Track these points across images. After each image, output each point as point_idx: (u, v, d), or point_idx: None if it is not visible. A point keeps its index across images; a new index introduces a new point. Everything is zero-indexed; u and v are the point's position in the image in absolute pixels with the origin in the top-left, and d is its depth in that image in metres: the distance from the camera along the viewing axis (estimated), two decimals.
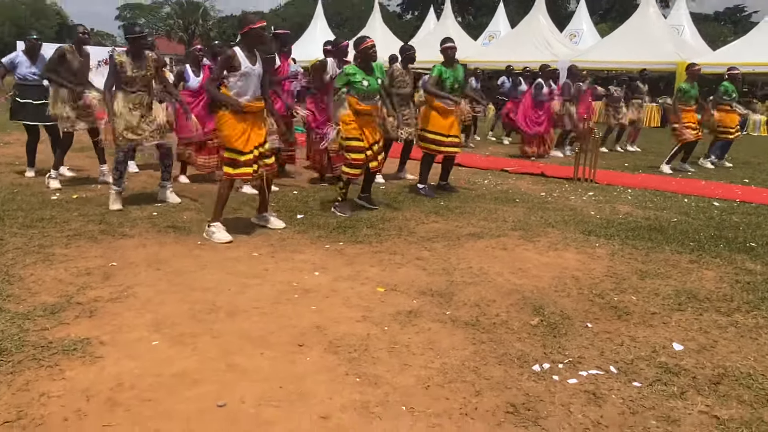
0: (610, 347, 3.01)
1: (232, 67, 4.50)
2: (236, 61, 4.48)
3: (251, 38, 4.57)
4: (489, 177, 8.11)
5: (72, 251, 4.23)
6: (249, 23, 4.54)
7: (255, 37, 4.58)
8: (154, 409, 2.33)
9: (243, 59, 4.51)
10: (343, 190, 5.61)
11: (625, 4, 40.15)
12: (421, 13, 42.58)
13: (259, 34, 4.58)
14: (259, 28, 4.55)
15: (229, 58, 4.50)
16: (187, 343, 2.90)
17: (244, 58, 4.51)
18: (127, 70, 5.31)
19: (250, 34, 4.55)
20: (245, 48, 4.56)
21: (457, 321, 3.26)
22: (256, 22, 4.55)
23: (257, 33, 4.56)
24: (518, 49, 21.14)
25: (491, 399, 2.48)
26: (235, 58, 4.49)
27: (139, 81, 5.37)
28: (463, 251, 4.57)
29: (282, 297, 3.54)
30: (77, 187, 6.44)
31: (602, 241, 4.99)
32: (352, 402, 2.43)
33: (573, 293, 3.76)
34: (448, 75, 6.41)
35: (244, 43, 4.58)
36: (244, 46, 4.57)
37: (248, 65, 4.53)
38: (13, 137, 10.32)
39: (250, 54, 4.57)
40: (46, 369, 2.59)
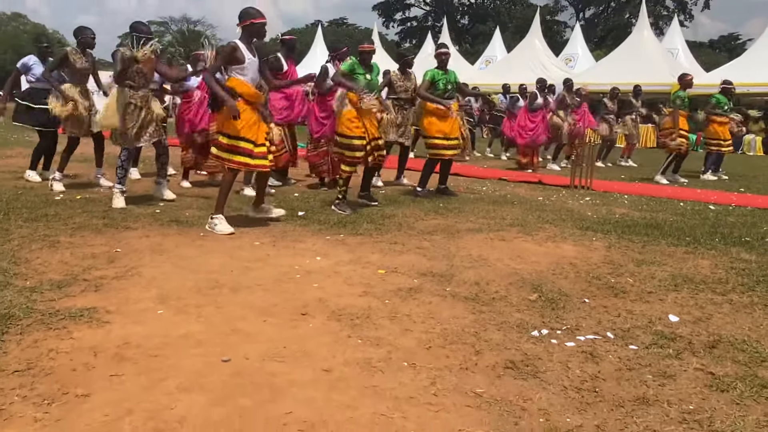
0: (608, 318, 3.07)
1: (236, 60, 4.61)
2: (239, 54, 4.61)
3: (251, 32, 4.69)
4: (487, 184, 8.21)
5: (77, 240, 4.29)
6: (251, 17, 4.66)
7: (254, 32, 4.70)
8: (160, 363, 2.37)
9: (245, 51, 4.64)
10: (343, 188, 5.71)
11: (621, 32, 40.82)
12: (419, 41, 43.26)
13: (259, 29, 4.70)
14: (260, 24, 4.67)
15: (232, 50, 4.61)
16: (191, 313, 2.95)
17: (246, 50, 4.65)
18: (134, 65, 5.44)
19: (250, 28, 4.68)
20: (244, 40, 4.69)
21: (457, 296, 3.32)
22: (257, 17, 4.67)
23: (258, 27, 4.68)
24: (514, 71, 21.47)
25: (491, 357, 2.53)
26: (238, 50, 4.61)
27: (141, 76, 5.50)
28: (462, 242, 4.63)
29: (284, 277, 3.59)
30: (80, 190, 6.52)
31: (599, 235, 5.06)
32: (355, 359, 2.47)
33: (570, 276, 3.82)
34: (440, 77, 6.57)
35: (243, 36, 4.71)
36: (244, 39, 4.70)
37: (250, 56, 4.66)
38: (15, 151, 10.48)
39: (249, 46, 4.71)
40: (54, 331, 2.64)
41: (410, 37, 55.39)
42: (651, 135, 20.05)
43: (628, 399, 2.21)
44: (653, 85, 19.04)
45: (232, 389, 2.18)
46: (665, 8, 50.68)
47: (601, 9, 53.59)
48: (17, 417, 1.95)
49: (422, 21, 56.90)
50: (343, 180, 5.71)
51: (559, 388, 2.28)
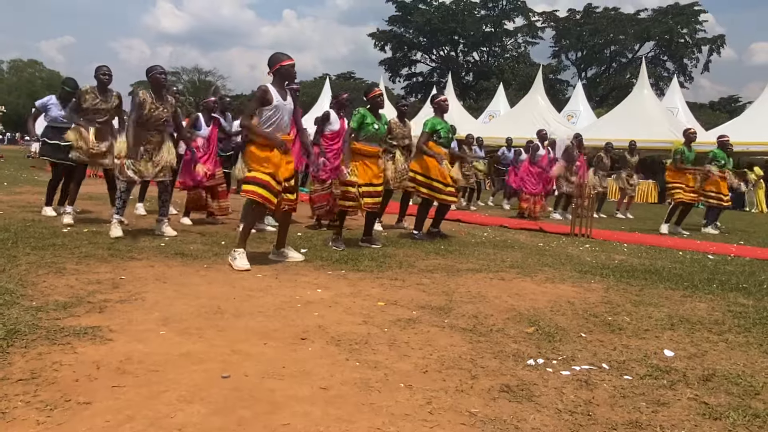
0: (603, 351, 3.10)
1: (265, 102, 4.77)
2: (269, 96, 4.77)
3: (281, 75, 4.86)
4: (488, 230, 8.31)
5: (82, 267, 4.37)
6: (280, 61, 4.84)
7: (285, 74, 4.87)
8: (161, 377, 2.42)
9: (275, 94, 4.80)
10: (337, 223, 5.85)
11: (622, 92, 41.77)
12: (424, 96, 44.25)
13: (289, 70, 4.86)
14: (289, 65, 4.86)
15: (263, 93, 4.78)
16: (193, 334, 3.00)
17: (276, 93, 4.81)
18: (146, 108, 5.64)
19: (280, 71, 4.85)
20: (276, 84, 4.87)
21: (455, 327, 3.37)
22: (285, 60, 4.86)
23: (287, 69, 4.85)
24: (517, 126, 21.89)
25: (487, 381, 2.57)
26: (268, 92, 4.78)
27: (155, 120, 5.69)
28: (462, 280, 4.69)
29: (285, 305, 3.65)
30: (87, 224, 6.63)
31: (597, 278, 5.12)
32: (353, 379, 2.51)
33: (568, 313, 3.86)
34: (442, 126, 6.75)
35: (275, 81, 4.88)
36: (275, 83, 4.87)
37: (279, 99, 4.82)
38: (25, 189, 10.70)
39: (280, 90, 4.87)
40: (58, 346, 2.69)
41: (416, 92, 56.74)
42: (653, 191, 20.29)
43: (621, 423, 2.24)
44: (653, 142, 19.40)
45: (232, 402, 2.22)
46: (665, 69, 52.11)
47: (602, 69, 55.08)
48: (20, 420, 1.99)
49: (428, 77, 58.41)
50: (339, 215, 5.85)
51: (553, 411, 2.31)
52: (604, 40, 52.34)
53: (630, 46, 53.03)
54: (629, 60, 53.20)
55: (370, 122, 5.81)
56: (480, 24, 55.17)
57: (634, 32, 50.85)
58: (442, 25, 53.29)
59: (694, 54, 51.50)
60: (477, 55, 58.54)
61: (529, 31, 55.77)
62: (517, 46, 57.03)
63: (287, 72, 4.87)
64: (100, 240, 5.53)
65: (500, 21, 55.36)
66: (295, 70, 4.93)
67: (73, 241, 5.41)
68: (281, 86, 4.91)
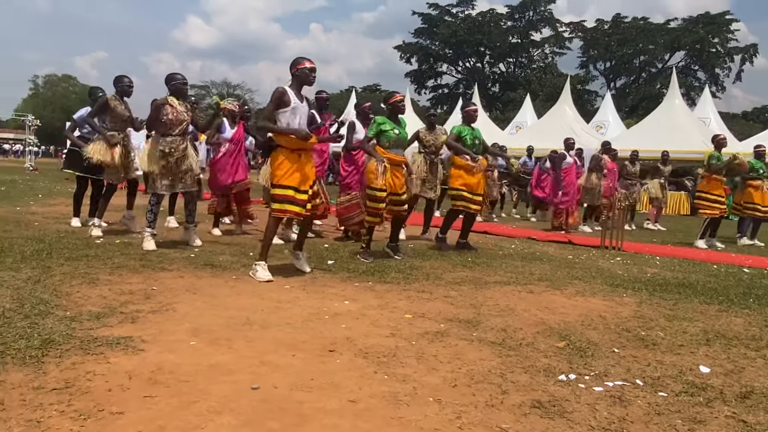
0: (637, 366, 3.03)
1: (282, 103, 4.81)
2: (287, 98, 4.81)
3: (299, 78, 4.90)
4: (516, 242, 8.23)
5: (115, 278, 4.44)
6: (298, 63, 4.90)
7: (302, 77, 4.90)
8: (192, 387, 2.43)
9: (293, 96, 4.84)
10: (367, 237, 5.84)
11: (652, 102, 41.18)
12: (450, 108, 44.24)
13: (306, 73, 4.89)
14: (306, 68, 4.88)
15: (280, 94, 4.81)
16: (222, 345, 3.03)
17: (294, 96, 4.85)
18: (169, 112, 5.75)
19: (298, 74, 4.89)
20: (294, 87, 4.91)
21: (484, 341, 3.33)
22: (303, 62, 4.90)
23: (304, 71, 4.88)
24: (544, 137, 21.69)
25: (517, 396, 2.53)
26: (285, 94, 4.81)
27: (177, 125, 5.79)
28: (490, 293, 4.65)
29: (313, 317, 3.66)
30: (119, 235, 6.75)
31: (629, 292, 5.02)
32: (381, 392, 2.50)
33: (599, 327, 3.79)
34: (467, 133, 6.76)
35: (294, 83, 4.92)
36: (294, 85, 4.91)
37: (297, 102, 4.86)
38: (59, 200, 10.95)
39: (298, 93, 4.92)
40: (91, 356, 2.73)
41: (441, 104, 56.71)
42: (684, 202, 19.90)
43: None
44: (685, 152, 19.02)
45: (261, 413, 2.22)
46: (696, 79, 51.24)
47: (632, 79, 54.39)
48: (54, 429, 2.02)
49: (453, 88, 58.41)
50: (367, 230, 5.84)
51: (586, 427, 2.26)
52: (634, 50, 51.72)
53: (660, 55, 52.32)
54: (659, 70, 52.47)
55: (389, 128, 5.83)
56: (506, 35, 55.07)
57: (664, 42, 50.17)
58: (468, 36, 53.31)
59: (726, 63, 50.56)
60: (503, 66, 58.43)
61: (556, 42, 55.45)
62: (544, 57, 56.75)
63: (303, 74, 4.89)
64: (131, 251, 5.62)
65: (527, 32, 55.19)
66: (313, 75, 4.93)
67: (105, 252, 5.51)
68: (299, 89, 4.94)
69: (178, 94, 5.96)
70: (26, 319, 3.20)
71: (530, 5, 53.81)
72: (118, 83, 6.73)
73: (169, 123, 5.79)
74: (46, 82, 76.40)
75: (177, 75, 6.03)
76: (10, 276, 4.21)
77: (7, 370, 2.49)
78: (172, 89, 5.95)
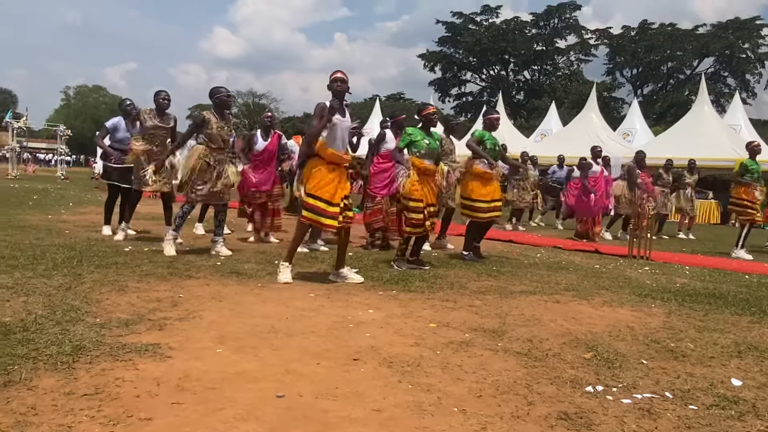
0: (666, 379, 2.98)
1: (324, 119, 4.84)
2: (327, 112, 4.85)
3: (333, 91, 4.96)
4: (542, 252, 8.16)
5: (143, 285, 4.51)
6: (330, 76, 4.96)
7: (335, 90, 4.95)
8: (218, 395, 2.46)
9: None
10: (404, 246, 5.84)
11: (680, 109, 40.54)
12: (474, 116, 44.11)
13: (336, 86, 4.94)
14: (334, 79, 4.94)
15: (321, 109, 4.85)
16: (248, 353, 3.05)
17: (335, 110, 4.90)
18: (213, 127, 5.84)
19: (331, 88, 4.95)
20: (334, 101, 4.95)
21: (509, 351, 3.30)
22: (332, 74, 4.96)
23: (333, 85, 4.94)
24: (570, 144, 21.46)
25: (543, 408, 2.50)
26: (326, 109, 4.85)
27: (219, 138, 5.88)
28: (515, 302, 4.61)
29: (337, 325, 3.67)
30: (147, 243, 6.85)
31: (658, 302, 4.94)
32: (406, 402, 2.49)
33: (627, 338, 3.73)
34: (488, 138, 6.73)
35: (333, 97, 4.97)
36: (334, 99, 4.96)
37: (338, 116, 4.90)
38: (89, 209, 11.17)
39: (339, 107, 4.95)
40: (120, 362, 2.78)
41: (465, 112, 56.58)
42: (714, 210, 19.52)
43: None
44: (715, 160, 18.66)
45: (286, 422, 2.23)
46: (726, 86, 50.27)
47: (659, 86, 53.63)
48: None
49: (477, 96, 58.22)
50: (405, 240, 5.85)
51: None
52: (661, 57, 51.00)
53: (688, 62, 51.50)
54: (687, 76, 51.62)
55: (420, 138, 5.85)
56: (531, 43, 54.77)
57: (693, 48, 49.37)
58: (492, 44, 53.14)
59: (756, 69, 49.51)
60: (528, 74, 58.08)
61: (581, 49, 54.95)
62: (569, 64, 56.28)
63: (335, 89, 4.95)
64: (159, 259, 5.71)
65: (552, 39, 54.83)
66: (337, 84, 4.95)
67: (134, 259, 5.60)
68: (339, 104, 4.98)
69: (223, 107, 6.05)
70: (58, 326, 3.26)
71: (555, 13, 53.48)
72: (154, 97, 6.86)
73: (212, 138, 5.89)
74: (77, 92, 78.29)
75: (221, 89, 6.12)
76: (43, 283, 4.30)
77: (39, 375, 2.54)
78: (216, 102, 6.05)
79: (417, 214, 5.76)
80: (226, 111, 6.10)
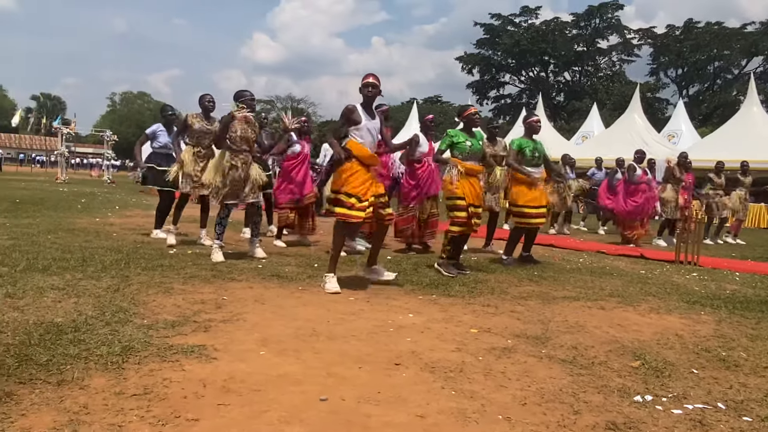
0: (718, 389, 2.88)
1: (352, 122, 4.88)
2: (356, 116, 4.88)
3: (364, 94, 4.98)
4: (584, 256, 8.00)
5: (188, 287, 4.60)
6: (362, 80, 4.99)
7: (366, 93, 4.97)
8: (262, 397, 2.49)
9: (362, 113, 4.91)
10: (448, 248, 5.80)
11: (728, 109, 39.30)
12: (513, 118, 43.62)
13: (368, 88, 4.96)
14: (365, 83, 4.96)
15: (349, 111, 4.90)
16: (290, 355, 3.08)
17: (363, 113, 4.92)
18: (238, 130, 5.92)
19: (363, 90, 4.98)
20: (363, 104, 4.98)
21: (554, 358, 3.24)
22: (364, 79, 4.99)
23: (364, 87, 4.96)
24: (612, 146, 21.00)
25: (590, 417, 2.44)
26: (355, 112, 4.89)
27: (243, 140, 5.96)
28: (558, 308, 4.53)
29: (378, 330, 3.67)
30: (191, 246, 6.99)
31: (708, 309, 4.78)
32: (449, 408, 2.47)
33: (676, 347, 3.62)
34: (527, 145, 6.63)
35: (363, 100, 5.00)
36: (363, 103, 4.99)
37: (367, 118, 4.92)
38: (135, 212, 11.47)
39: (367, 109, 4.98)
40: (167, 363, 2.83)
41: (504, 114, 56.03)
42: (765, 214, 18.83)
43: None
44: (765, 162, 17.99)
45: (330, 425, 2.24)
46: None
47: (705, 86, 52.12)
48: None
49: (516, 98, 57.60)
50: (449, 240, 5.80)
51: None
52: (707, 56, 49.56)
53: (736, 61, 49.87)
54: (735, 76, 50.01)
55: (462, 140, 5.81)
56: (572, 43, 53.88)
57: (741, 47, 47.78)
58: (532, 46, 52.49)
59: None
60: (568, 75, 57.17)
61: (624, 49, 53.79)
62: (611, 65, 55.15)
63: (367, 91, 4.96)
64: (202, 261, 5.81)
65: (593, 40, 53.83)
66: (368, 89, 4.96)
67: (178, 262, 5.72)
68: (368, 106, 5.00)
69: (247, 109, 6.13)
70: (107, 327, 3.35)
71: (596, 12, 52.48)
72: (200, 101, 6.99)
73: (238, 139, 5.97)
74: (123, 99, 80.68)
75: (245, 92, 6.20)
76: (92, 284, 4.43)
77: (91, 375, 2.61)
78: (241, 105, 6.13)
79: (461, 212, 5.71)
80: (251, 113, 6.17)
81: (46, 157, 54.77)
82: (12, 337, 3.04)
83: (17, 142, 65.44)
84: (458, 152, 5.79)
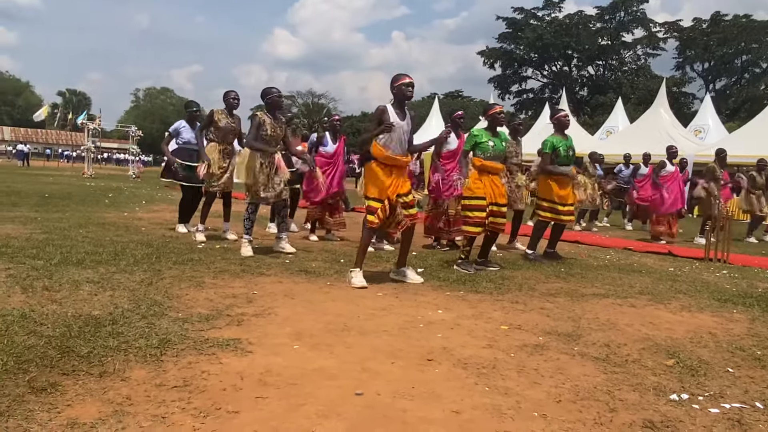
0: (756, 388, 2.85)
1: (382, 122, 4.85)
2: (386, 116, 4.86)
3: (397, 94, 4.93)
4: (611, 253, 7.93)
5: (219, 281, 4.67)
6: (396, 80, 4.94)
7: (400, 93, 4.92)
8: (299, 390, 2.52)
9: (392, 114, 4.89)
10: (467, 248, 5.77)
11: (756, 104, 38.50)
12: (535, 113, 43.26)
13: (401, 89, 4.90)
14: (401, 84, 4.90)
15: (380, 112, 4.89)
16: (324, 350, 3.11)
17: (393, 113, 4.90)
18: (268, 129, 5.96)
19: (396, 91, 4.92)
20: (395, 105, 4.96)
21: (586, 356, 3.23)
22: (399, 79, 4.93)
23: (399, 88, 4.90)
24: (637, 142, 20.70)
25: (627, 415, 2.43)
26: (385, 113, 4.87)
27: (273, 139, 6.00)
28: (588, 305, 4.51)
29: (408, 325, 3.69)
30: (219, 240, 7.07)
31: (740, 308, 4.72)
32: (484, 404, 2.48)
33: (710, 345, 3.58)
34: (560, 143, 6.56)
35: (395, 101, 4.97)
36: (395, 103, 4.97)
37: (396, 120, 4.90)
38: (161, 207, 11.62)
39: (399, 110, 4.96)
40: (204, 356, 2.88)
41: (526, 109, 55.60)
42: None
43: None
44: None
45: (367, 420, 2.26)
46: None
47: (733, 80, 51.13)
48: (178, 425, 2.15)
49: (539, 93, 57.06)
50: (467, 240, 5.78)
51: None
52: (735, 50, 48.58)
53: (764, 55, 48.76)
54: (764, 70, 48.96)
55: (485, 140, 5.76)
56: (595, 37, 53.16)
57: None
58: (555, 40, 51.90)
59: None
60: (592, 69, 56.47)
61: (649, 43, 52.93)
62: (636, 59, 54.33)
63: (401, 91, 4.92)
64: (231, 256, 5.88)
65: (618, 33, 53.07)
66: (410, 90, 4.93)
67: (208, 256, 5.79)
68: (400, 106, 4.97)
69: (275, 107, 6.17)
70: (143, 320, 3.42)
71: (621, 6, 51.71)
72: (225, 97, 7.01)
73: (268, 138, 6.02)
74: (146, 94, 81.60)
75: (273, 89, 6.22)
76: (126, 278, 4.52)
77: (131, 367, 2.67)
78: (268, 103, 6.17)
79: (480, 212, 5.68)
80: (278, 111, 6.20)
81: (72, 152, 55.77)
82: (53, 329, 3.11)
83: (44, 138, 66.66)
84: (480, 152, 5.75)
